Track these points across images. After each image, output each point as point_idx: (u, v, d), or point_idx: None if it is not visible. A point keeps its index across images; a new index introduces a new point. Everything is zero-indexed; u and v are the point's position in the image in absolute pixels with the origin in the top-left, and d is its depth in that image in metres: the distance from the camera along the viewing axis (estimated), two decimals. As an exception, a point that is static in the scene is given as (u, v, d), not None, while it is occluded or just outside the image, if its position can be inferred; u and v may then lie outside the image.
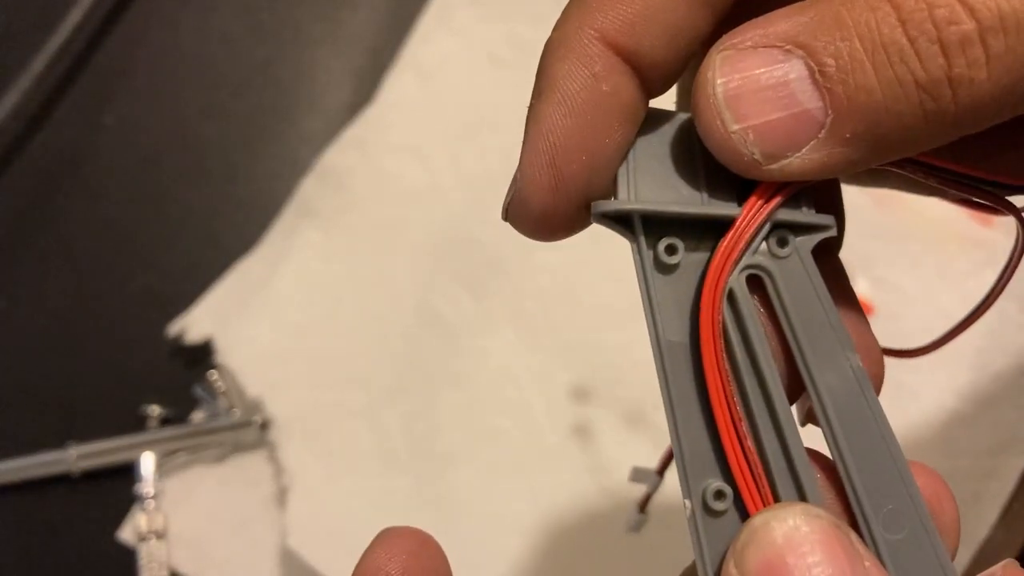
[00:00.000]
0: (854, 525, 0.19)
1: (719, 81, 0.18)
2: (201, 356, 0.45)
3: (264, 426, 0.43)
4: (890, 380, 0.21)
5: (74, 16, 0.50)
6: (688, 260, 0.20)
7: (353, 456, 0.43)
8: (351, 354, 0.45)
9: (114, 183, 0.49)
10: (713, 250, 0.20)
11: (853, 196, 0.53)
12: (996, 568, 0.20)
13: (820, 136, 0.18)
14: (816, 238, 0.20)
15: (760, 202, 0.20)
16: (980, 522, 0.41)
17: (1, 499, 0.43)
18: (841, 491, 0.19)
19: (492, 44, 0.52)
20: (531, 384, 0.45)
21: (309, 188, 0.48)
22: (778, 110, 0.18)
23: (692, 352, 0.19)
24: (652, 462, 0.32)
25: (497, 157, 0.49)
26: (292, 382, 0.44)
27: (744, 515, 0.19)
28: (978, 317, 0.25)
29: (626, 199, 0.20)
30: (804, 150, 0.18)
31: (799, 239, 0.20)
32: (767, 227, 0.20)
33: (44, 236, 0.48)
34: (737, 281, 0.20)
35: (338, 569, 0.41)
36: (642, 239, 0.20)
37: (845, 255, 0.25)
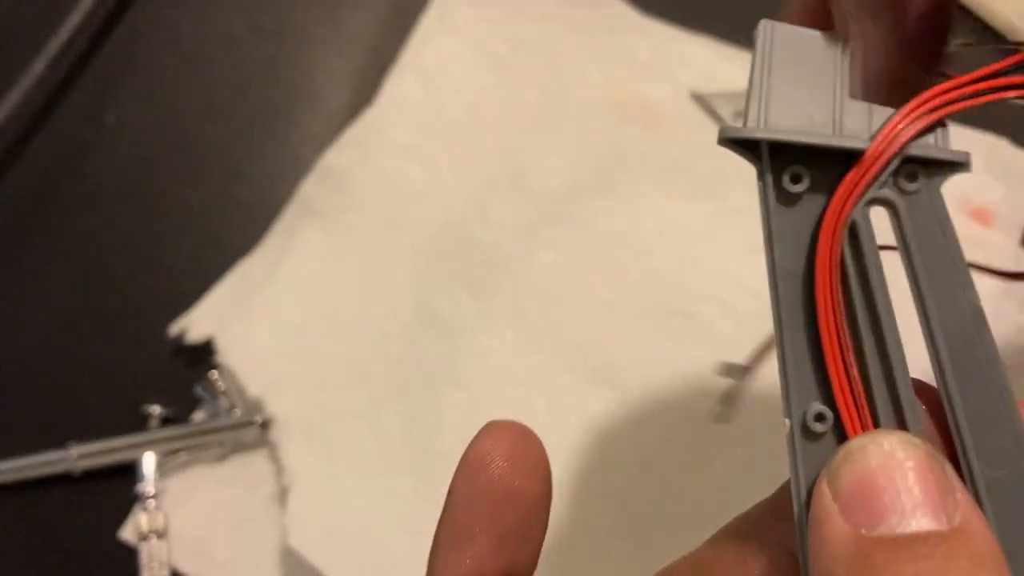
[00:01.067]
0: (955, 461, 0.19)
1: None
2: (202, 356, 0.45)
3: (265, 426, 0.43)
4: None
5: (75, 16, 0.50)
6: (813, 189, 0.20)
7: (354, 456, 0.43)
8: (352, 354, 0.45)
9: (115, 183, 0.49)
10: (839, 180, 0.19)
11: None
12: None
13: None
14: (948, 175, 0.20)
15: (893, 135, 0.19)
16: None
17: (2, 498, 0.43)
18: (945, 427, 0.19)
19: (493, 44, 0.52)
20: (531, 384, 0.45)
21: (310, 188, 0.48)
22: None
23: (806, 280, 0.20)
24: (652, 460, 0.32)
25: (497, 157, 0.49)
26: (293, 382, 0.44)
27: (842, 440, 0.19)
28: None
29: (755, 126, 0.20)
30: None
31: (930, 176, 0.20)
32: (897, 162, 0.19)
33: (45, 236, 0.48)
34: (861, 215, 0.20)
35: (339, 568, 0.41)
36: (768, 168, 0.20)
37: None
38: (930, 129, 0.20)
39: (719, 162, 0.52)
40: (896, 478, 0.17)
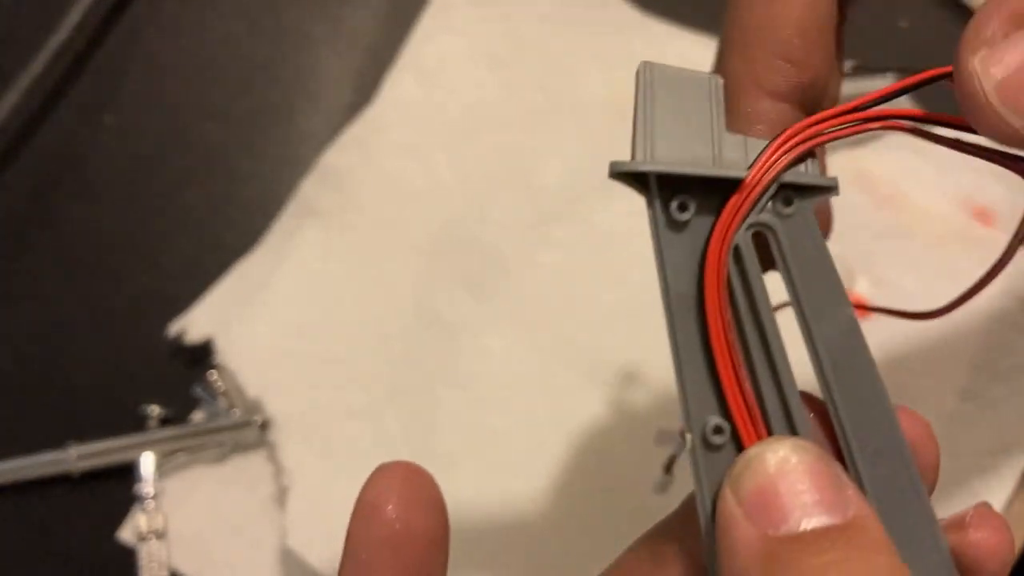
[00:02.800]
0: (841, 461, 0.21)
1: (988, 87, 0.19)
2: (201, 356, 0.45)
3: (264, 426, 0.43)
4: (890, 381, 0.21)
5: (74, 16, 0.50)
6: (698, 216, 0.21)
7: (353, 456, 0.43)
8: (351, 354, 0.45)
9: (114, 183, 0.49)
10: (722, 207, 0.21)
11: (853, 196, 0.53)
12: (968, 510, 0.22)
13: None
14: (819, 198, 0.22)
15: (768, 164, 0.21)
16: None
17: (1, 499, 0.43)
18: (831, 432, 0.21)
19: (492, 44, 0.52)
20: (531, 384, 0.45)
21: (309, 188, 0.48)
22: None
23: (697, 302, 0.21)
24: (652, 460, 0.32)
25: (497, 156, 0.49)
26: (292, 382, 0.44)
27: (740, 450, 0.20)
28: (991, 279, 0.26)
29: (642, 159, 0.21)
30: None
31: (803, 199, 0.21)
32: (774, 188, 0.21)
33: (44, 236, 0.48)
34: (743, 238, 0.21)
35: (338, 569, 0.41)
36: (656, 197, 0.21)
37: (845, 254, 0.25)
38: (801, 159, 0.21)
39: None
40: (793, 480, 0.18)
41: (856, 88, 0.48)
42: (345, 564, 0.22)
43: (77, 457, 0.43)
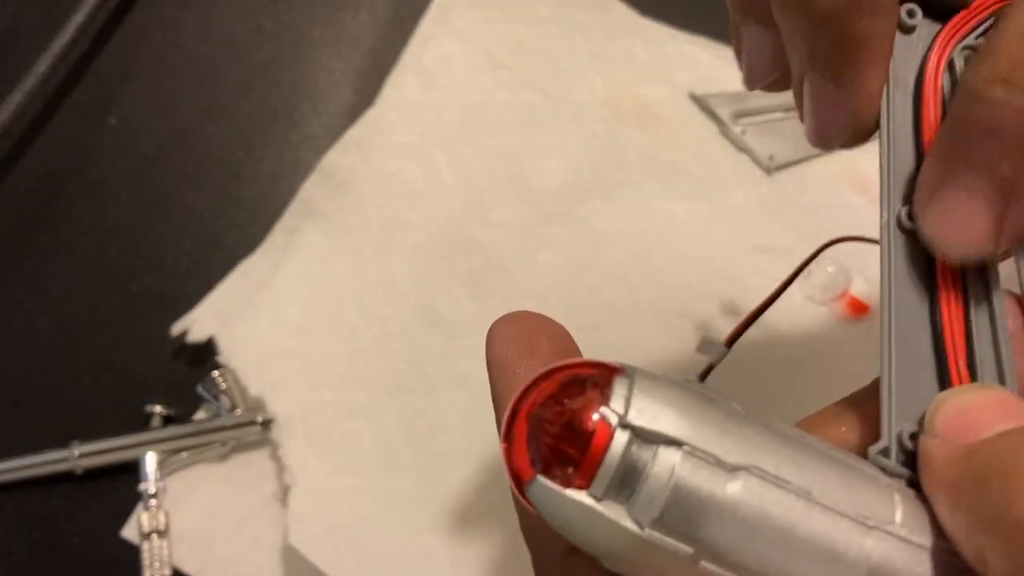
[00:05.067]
0: None
1: None
2: (204, 356, 0.45)
3: (266, 425, 0.43)
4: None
5: (77, 18, 0.50)
6: (925, 27, 0.23)
7: (355, 455, 0.43)
8: (352, 353, 0.45)
9: (117, 184, 0.49)
10: (945, 24, 0.23)
11: (849, 196, 0.53)
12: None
13: None
14: None
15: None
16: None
17: (5, 497, 0.43)
18: None
19: (493, 46, 0.52)
20: (531, 383, 0.45)
21: (311, 189, 0.48)
22: None
23: (915, 96, 0.23)
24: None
25: (497, 158, 0.50)
26: (294, 381, 0.45)
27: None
28: (768, 306, 0.28)
29: None
30: None
31: None
32: (991, 20, 0.23)
33: (47, 236, 0.48)
34: (959, 55, 0.23)
35: (340, 567, 0.41)
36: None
37: (840, 254, 0.26)
38: None
39: (717, 163, 0.53)
40: (981, 408, 0.20)
41: None
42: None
43: (80, 455, 0.43)
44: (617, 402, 0.18)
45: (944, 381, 0.21)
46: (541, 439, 0.19)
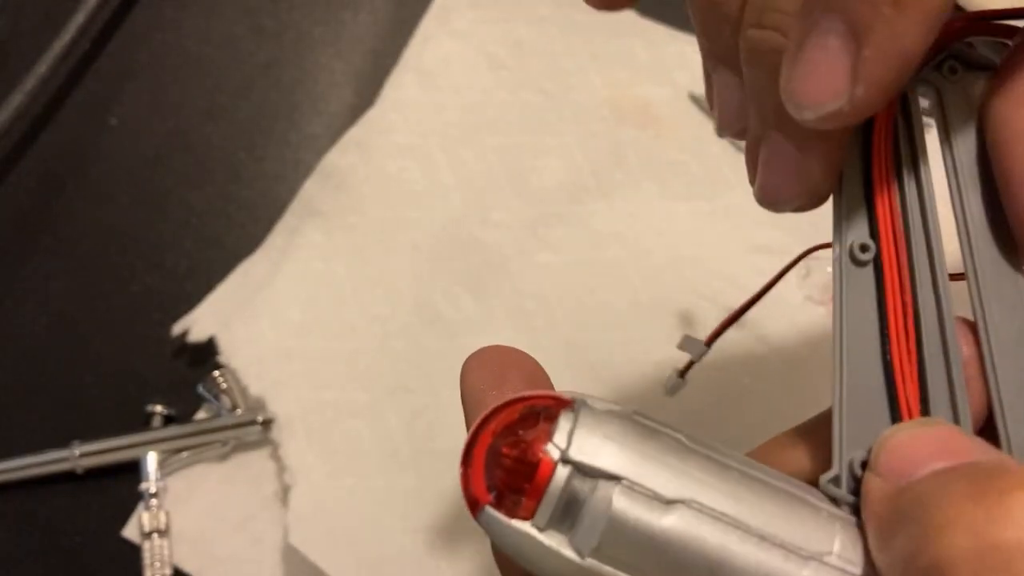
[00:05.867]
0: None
1: None
2: (204, 355, 0.45)
3: (266, 425, 0.43)
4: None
5: (78, 18, 0.50)
6: None
7: (355, 454, 0.43)
8: (353, 353, 0.45)
9: (118, 184, 0.49)
10: None
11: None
12: None
13: None
14: (981, 77, 0.23)
15: (943, 34, 0.23)
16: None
17: (7, 496, 0.43)
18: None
19: (492, 46, 0.52)
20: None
21: (311, 189, 0.48)
22: None
23: (865, 129, 0.22)
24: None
25: (497, 158, 0.50)
26: (294, 381, 0.45)
27: (881, 271, 0.22)
28: (750, 306, 0.29)
29: None
30: None
31: (968, 73, 0.23)
32: (944, 54, 0.23)
33: (48, 236, 0.48)
34: (911, 92, 0.23)
35: (340, 566, 0.41)
36: None
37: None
38: (970, 43, 0.23)
39: (717, 163, 0.53)
40: (921, 444, 0.20)
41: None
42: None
43: (81, 455, 0.43)
44: (561, 437, 0.19)
45: (895, 412, 0.21)
46: (495, 469, 0.20)
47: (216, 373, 0.44)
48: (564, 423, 0.19)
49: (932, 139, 0.23)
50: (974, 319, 0.22)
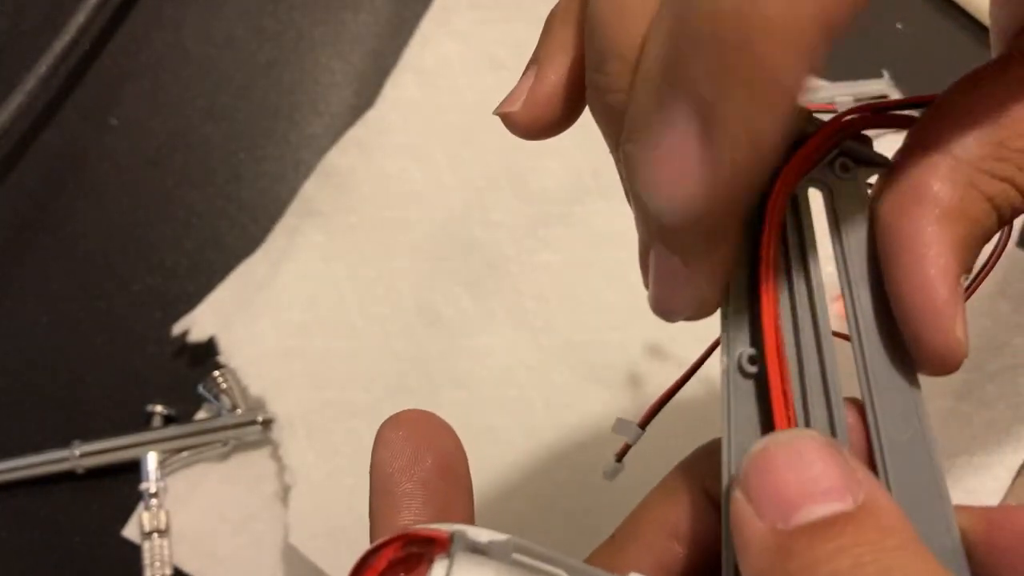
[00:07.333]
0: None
1: None
2: (204, 355, 0.45)
3: (266, 424, 0.44)
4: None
5: (78, 18, 0.50)
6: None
7: (355, 454, 0.43)
8: (353, 353, 0.45)
9: (118, 184, 0.49)
10: (788, 159, 0.22)
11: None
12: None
13: None
14: (874, 172, 0.23)
15: (834, 130, 0.23)
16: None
17: (7, 496, 0.43)
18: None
19: (492, 46, 0.52)
20: (531, 384, 0.45)
21: (311, 189, 0.48)
22: None
23: (755, 229, 0.22)
24: (654, 465, 0.32)
25: (497, 158, 0.50)
26: (294, 381, 0.45)
27: (766, 387, 0.21)
28: (681, 386, 0.28)
29: None
30: None
31: (859, 169, 0.23)
32: (835, 151, 0.23)
33: (49, 236, 0.48)
34: (802, 191, 0.23)
35: (340, 566, 0.41)
36: None
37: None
38: (862, 137, 0.23)
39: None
40: (799, 470, 0.18)
41: (853, 90, 0.48)
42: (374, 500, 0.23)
43: (81, 455, 0.43)
44: None
45: None
46: None
47: (216, 373, 0.44)
48: (438, 569, 0.19)
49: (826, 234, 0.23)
50: (865, 425, 0.22)
